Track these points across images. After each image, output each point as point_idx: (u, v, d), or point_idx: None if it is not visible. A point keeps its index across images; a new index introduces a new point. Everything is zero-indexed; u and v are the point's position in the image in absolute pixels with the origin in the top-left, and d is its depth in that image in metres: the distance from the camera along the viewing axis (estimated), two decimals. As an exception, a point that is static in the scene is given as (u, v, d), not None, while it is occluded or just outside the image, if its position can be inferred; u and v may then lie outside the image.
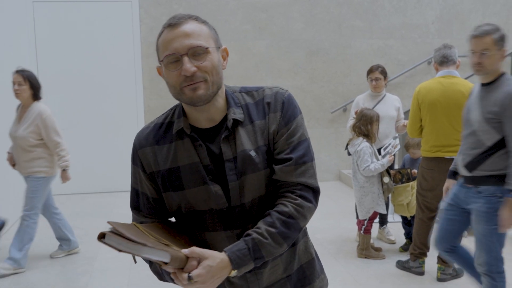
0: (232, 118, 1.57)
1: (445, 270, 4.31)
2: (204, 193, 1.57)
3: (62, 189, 7.32)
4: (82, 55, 7.18)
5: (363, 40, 7.80)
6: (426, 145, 4.23)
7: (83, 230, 5.73)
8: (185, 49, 1.50)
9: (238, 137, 1.57)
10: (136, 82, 7.33)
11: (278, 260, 1.66)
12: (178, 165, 1.58)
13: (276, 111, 1.61)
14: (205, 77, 1.52)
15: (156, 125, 1.66)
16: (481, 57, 3.10)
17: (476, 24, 8.05)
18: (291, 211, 1.55)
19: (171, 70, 1.52)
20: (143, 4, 7.26)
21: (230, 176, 1.56)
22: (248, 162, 1.56)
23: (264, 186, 1.59)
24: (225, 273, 1.49)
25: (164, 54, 1.52)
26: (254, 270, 1.62)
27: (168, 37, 1.52)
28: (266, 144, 1.59)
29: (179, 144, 1.59)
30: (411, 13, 7.91)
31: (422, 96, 4.17)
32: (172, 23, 1.53)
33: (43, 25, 7.07)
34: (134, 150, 1.66)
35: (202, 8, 7.39)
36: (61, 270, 4.62)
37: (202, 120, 1.59)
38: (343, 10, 7.72)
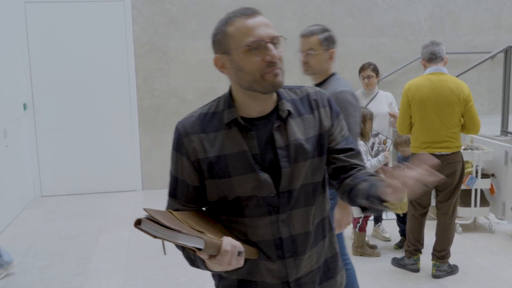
0: (287, 109, 1.66)
1: (440, 267, 4.33)
2: (253, 180, 1.62)
3: (58, 190, 7.31)
4: (75, 56, 7.16)
5: (355, 38, 7.82)
6: (416, 142, 4.26)
7: (79, 230, 5.72)
8: (269, 37, 1.58)
9: (290, 127, 1.65)
10: (129, 82, 7.32)
11: (314, 250, 1.73)
12: (226, 153, 1.62)
13: (325, 106, 1.73)
14: (281, 67, 1.61)
15: (201, 115, 1.71)
16: (307, 57, 3.12)
17: (469, 22, 8.08)
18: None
19: (255, 56, 1.57)
20: (135, 4, 7.25)
21: (283, 162, 1.63)
22: (301, 150, 1.64)
23: (311, 174, 1.68)
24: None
25: (246, 40, 1.56)
26: (293, 256, 1.68)
27: (249, 24, 1.58)
28: (316, 135, 1.69)
29: (227, 133, 1.64)
30: (404, 11, 7.92)
31: (412, 93, 4.20)
32: (248, 13, 1.60)
33: (36, 26, 7.05)
34: (179, 137, 1.68)
35: (195, 7, 7.38)
36: (56, 271, 4.61)
37: (254, 110, 1.66)
38: (336, 8, 7.73)
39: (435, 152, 4.14)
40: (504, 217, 5.34)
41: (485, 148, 5.32)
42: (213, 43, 1.66)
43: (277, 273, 1.68)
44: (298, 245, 1.68)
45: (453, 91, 4.12)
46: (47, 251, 5.09)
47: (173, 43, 7.39)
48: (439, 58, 4.22)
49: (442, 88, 4.13)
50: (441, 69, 4.22)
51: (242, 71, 1.60)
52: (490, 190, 5.40)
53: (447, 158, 4.15)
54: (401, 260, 4.53)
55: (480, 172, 5.24)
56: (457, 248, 4.94)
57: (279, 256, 1.67)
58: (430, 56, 4.23)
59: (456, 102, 4.11)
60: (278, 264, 1.67)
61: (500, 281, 4.23)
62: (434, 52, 4.21)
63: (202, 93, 7.53)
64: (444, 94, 4.11)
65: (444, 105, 4.12)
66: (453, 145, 4.17)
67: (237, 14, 1.60)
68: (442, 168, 4.12)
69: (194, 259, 1.63)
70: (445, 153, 4.15)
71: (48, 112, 7.20)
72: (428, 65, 4.26)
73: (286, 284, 1.70)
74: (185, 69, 7.45)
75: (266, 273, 1.69)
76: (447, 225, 4.34)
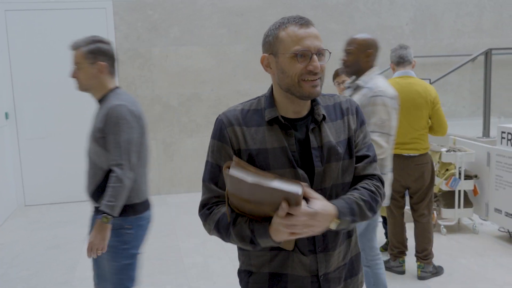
0: (322, 113, 1.79)
1: (425, 268, 4.36)
2: (290, 175, 1.72)
3: (42, 198, 7.24)
4: (57, 64, 7.11)
5: (338, 42, 7.85)
6: None
7: (64, 239, 5.67)
8: (315, 49, 1.70)
9: (324, 130, 1.78)
10: (112, 89, 7.28)
11: (342, 247, 1.85)
12: (266, 147, 1.74)
13: (353, 113, 1.87)
14: (321, 76, 1.75)
15: (243, 110, 1.81)
16: (74, 72, 2.81)
17: (450, 25, 8.16)
18: (373, 189, 1.81)
19: (299, 63, 1.69)
20: (117, 11, 7.22)
21: (316, 162, 1.75)
22: (333, 151, 1.77)
23: (341, 175, 1.80)
24: (328, 220, 1.64)
25: (294, 48, 1.69)
26: (324, 251, 1.79)
27: (300, 33, 1.70)
28: (346, 139, 1.82)
29: (268, 129, 1.76)
30: (386, 15, 7.99)
31: None
32: (302, 23, 1.71)
33: (17, 34, 6.99)
34: (222, 127, 1.78)
35: (178, 13, 7.38)
36: (42, 280, 4.57)
37: (291, 111, 1.79)
38: (318, 13, 7.77)
39: (404, 153, 4.26)
40: (487, 218, 5.38)
41: (467, 150, 5.36)
42: (264, 43, 1.79)
43: (308, 267, 1.78)
44: (329, 241, 1.80)
45: (421, 94, 4.22)
46: (31, 261, 5.04)
47: (156, 49, 7.38)
48: (407, 62, 4.35)
49: (410, 91, 4.23)
50: (409, 73, 4.33)
51: (284, 74, 1.73)
52: (473, 191, 5.44)
53: (415, 160, 4.26)
54: (386, 263, 4.55)
55: (463, 173, 5.29)
56: (441, 249, 4.97)
57: (311, 250, 1.78)
58: (399, 60, 4.36)
59: (424, 104, 4.22)
60: (310, 258, 1.78)
61: (485, 281, 4.26)
62: (402, 55, 4.33)
63: (186, 99, 7.52)
64: (412, 97, 4.22)
65: (412, 107, 4.22)
66: (421, 147, 4.28)
67: (291, 21, 1.72)
68: (411, 169, 4.26)
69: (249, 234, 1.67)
70: (413, 155, 4.27)
71: (30, 120, 7.14)
72: (397, 68, 4.39)
73: (316, 278, 1.80)
74: (168, 75, 7.44)
75: (298, 266, 1.78)
76: (425, 224, 4.40)
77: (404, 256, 4.48)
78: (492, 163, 5.23)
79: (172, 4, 7.36)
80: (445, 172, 5.32)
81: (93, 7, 7.16)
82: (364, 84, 3.28)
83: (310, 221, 1.57)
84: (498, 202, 5.18)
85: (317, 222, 1.59)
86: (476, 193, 5.42)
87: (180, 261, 4.87)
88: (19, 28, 6.99)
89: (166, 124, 7.49)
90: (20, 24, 6.99)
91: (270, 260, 1.81)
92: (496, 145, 5.31)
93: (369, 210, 1.77)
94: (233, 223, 1.70)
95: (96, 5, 7.16)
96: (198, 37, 7.49)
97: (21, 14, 6.98)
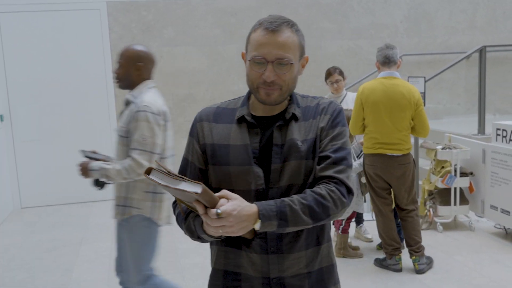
0: (292, 112, 1.77)
1: (420, 260, 4.42)
2: (247, 173, 1.73)
3: (38, 201, 7.23)
4: (51, 65, 7.10)
5: (333, 41, 7.87)
6: (369, 142, 4.43)
7: (60, 241, 5.66)
8: (272, 58, 1.68)
9: (290, 128, 1.76)
10: (107, 90, 7.28)
11: (303, 253, 1.76)
12: (229, 143, 1.77)
13: (326, 113, 1.80)
14: (281, 86, 1.71)
15: (219, 108, 1.86)
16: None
17: (444, 22, 8.18)
18: (324, 193, 1.68)
19: (254, 70, 1.71)
20: (111, 11, 7.21)
21: (275, 159, 1.73)
22: (294, 149, 1.73)
23: (303, 175, 1.73)
24: (251, 221, 1.59)
25: (252, 54, 1.71)
26: (277, 252, 1.73)
27: (261, 40, 1.69)
28: (313, 138, 1.76)
29: (236, 127, 1.78)
30: (379, 13, 7.99)
31: (366, 96, 4.36)
32: (270, 28, 1.69)
33: (11, 36, 6.97)
34: (194, 123, 1.86)
35: (172, 14, 7.37)
36: (39, 283, 4.56)
37: (261, 110, 1.80)
38: (312, 12, 7.77)
39: (387, 153, 4.33)
40: (483, 215, 5.40)
41: (463, 147, 5.37)
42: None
43: (260, 267, 1.74)
44: (283, 242, 1.73)
45: (404, 95, 4.27)
46: (28, 264, 5.03)
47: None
48: (393, 62, 4.40)
49: (394, 92, 4.27)
50: (394, 74, 4.37)
51: (246, 76, 1.77)
52: (469, 188, 5.45)
53: (398, 160, 4.34)
54: (383, 261, 4.56)
55: (459, 171, 5.30)
56: (438, 246, 4.98)
57: (263, 249, 1.73)
58: (384, 60, 4.39)
59: (407, 105, 4.27)
60: (261, 258, 1.73)
61: (482, 278, 4.28)
62: (388, 56, 4.37)
63: (181, 100, 7.51)
64: (396, 98, 4.27)
65: (395, 108, 4.27)
66: (404, 147, 4.35)
67: (264, 24, 1.71)
68: (394, 168, 4.35)
69: (194, 229, 1.72)
70: (396, 155, 4.34)
71: (25, 123, 7.12)
72: (382, 68, 4.43)
73: (267, 280, 1.74)
74: (163, 76, 7.43)
75: (249, 266, 1.75)
76: (412, 218, 4.48)
77: (400, 253, 4.50)
78: (487, 160, 5.25)
79: (165, 5, 7.35)
80: (441, 170, 5.33)
81: (87, 8, 7.14)
82: (133, 99, 3.13)
83: (223, 221, 1.54)
84: (494, 199, 5.19)
85: (230, 223, 1.54)
86: (472, 190, 5.44)
87: (178, 261, 4.86)
88: (13, 30, 6.97)
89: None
90: (14, 26, 6.97)
91: (224, 256, 1.80)
92: (491, 142, 5.32)
93: (309, 215, 1.64)
94: (185, 218, 1.77)
95: (90, 6, 7.14)
96: (192, 38, 7.48)
97: (15, 16, 6.95)
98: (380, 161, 4.35)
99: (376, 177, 4.42)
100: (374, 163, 4.39)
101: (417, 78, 5.47)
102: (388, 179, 4.40)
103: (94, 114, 7.29)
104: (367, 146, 4.44)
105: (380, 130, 4.31)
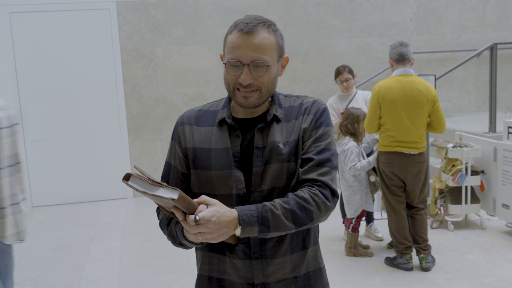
0: (273, 114, 1.73)
1: (427, 258, 4.43)
2: (228, 177, 1.69)
3: (49, 200, 7.26)
4: (62, 65, 7.12)
5: (342, 39, 7.84)
6: (386, 141, 4.40)
7: (69, 240, 5.68)
8: (248, 60, 1.64)
9: (272, 130, 1.71)
10: (117, 89, 7.29)
11: (287, 258, 1.72)
12: (210, 147, 1.73)
13: (309, 114, 1.74)
14: (260, 87, 1.67)
15: (200, 110, 1.83)
16: None
17: (454, 20, 8.13)
18: (307, 197, 1.63)
19: (230, 73, 1.68)
20: (121, 11, 7.23)
21: (256, 162, 1.69)
22: (275, 152, 1.68)
23: (285, 178, 1.69)
24: (231, 227, 1.56)
25: (228, 57, 1.68)
26: (261, 258, 1.69)
27: (236, 42, 1.66)
28: (296, 140, 1.71)
29: (217, 130, 1.74)
30: (389, 10, 7.96)
31: (382, 94, 4.33)
32: (245, 30, 1.65)
33: (22, 36, 7.00)
34: (176, 127, 1.82)
35: (180, 13, 7.37)
36: (49, 282, 4.58)
37: (241, 112, 1.77)
38: (321, 10, 7.75)
39: (404, 151, 4.32)
40: (495, 213, 5.36)
41: (474, 145, 5.34)
42: None
43: (244, 273, 1.71)
44: (267, 248, 1.69)
45: (422, 92, 4.26)
46: (38, 262, 5.05)
47: (159, 49, 7.38)
48: (407, 60, 4.40)
49: (411, 89, 4.26)
50: (409, 71, 4.37)
51: (224, 79, 1.74)
52: (480, 187, 5.42)
53: (414, 158, 4.34)
54: (394, 260, 4.54)
55: (470, 169, 5.27)
56: (449, 245, 4.96)
57: (247, 254, 1.69)
58: (399, 57, 4.38)
59: (425, 102, 4.26)
60: (245, 264, 1.70)
61: (493, 277, 4.25)
62: (403, 53, 4.36)
63: (191, 98, 7.52)
64: (413, 95, 4.25)
65: (413, 106, 4.26)
66: (420, 146, 4.35)
67: (238, 26, 1.67)
68: (411, 167, 4.34)
69: (175, 235, 1.70)
70: (413, 153, 4.33)
71: (36, 122, 7.15)
72: (396, 65, 4.40)
73: (252, 286, 1.71)
74: (172, 75, 7.44)
75: (233, 272, 1.72)
76: (421, 216, 4.50)
77: (411, 252, 4.48)
78: (498, 159, 5.21)
79: (174, 4, 7.36)
80: (452, 168, 5.30)
81: (97, 8, 7.16)
82: None
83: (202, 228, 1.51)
84: (505, 198, 5.16)
85: (209, 229, 1.52)
86: (483, 188, 5.40)
87: (187, 260, 4.87)
88: (24, 30, 7.00)
89: (171, 124, 7.49)
90: (25, 26, 7.00)
91: (209, 262, 1.77)
92: (502, 140, 5.29)
93: (291, 220, 1.60)
94: (167, 224, 1.75)
95: (99, 6, 7.16)
96: (201, 37, 7.48)
97: (26, 16, 6.99)
98: (397, 159, 4.33)
99: (392, 175, 4.40)
100: (391, 161, 4.37)
101: (427, 76, 5.43)
102: (403, 177, 4.38)
103: (104, 112, 7.31)
104: (383, 144, 4.41)
105: (398, 128, 4.28)
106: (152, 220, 6.26)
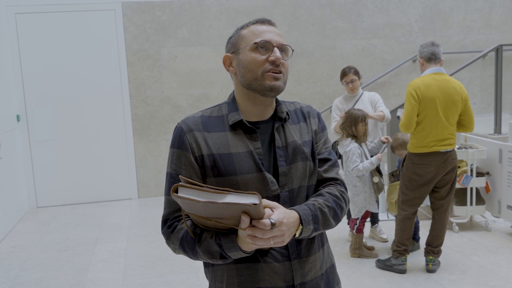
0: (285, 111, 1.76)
1: (435, 261, 4.42)
2: (258, 180, 1.65)
3: (54, 200, 7.28)
4: (67, 66, 7.15)
5: (347, 40, 7.83)
6: (423, 141, 4.27)
7: (74, 241, 5.69)
8: (278, 43, 1.69)
9: (288, 129, 1.75)
10: (122, 90, 7.31)
11: (317, 255, 1.75)
12: (231, 152, 1.67)
13: (315, 117, 1.84)
14: (284, 73, 1.69)
15: (203, 116, 1.75)
16: None
17: (459, 21, 8.12)
18: (338, 195, 1.73)
19: (261, 54, 1.66)
20: (126, 12, 7.24)
21: (281, 162, 1.69)
22: (299, 151, 1.72)
23: (307, 176, 1.73)
24: (295, 228, 1.55)
25: (255, 40, 1.67)
26: (298, 257, 1.69)
27: (262, 29, 1.70)
28: (310, 140, 1.78)
29: (232, 134, 1.70)
30: (394, 12, 7.95)
31: (422, 92, 4.22)
32: (264, 21, 1.72)
33: (27, 37, 7.03)
34: (181, 134, 1.70)
35: (186, 14, 7.39)
36: (53, 282, 4.59)
37: (254, 114, 1.74)
38: (326, 12, 7.75)
39: (441, 150, 4.26)
40: (500, 215, 5.35)
41: (479, 147, 5.33)
42: (227, 44, 1.78)
43: (283, 276, 1.66)
44: (302, 246, 1.70)
45: (457, 90, 4.26)
46: (43, 263, 5.06)
47: (164, 50, 7.39)
48: (438, 59, 4.37)
49: (448, 87, 4.24)
50: (441, 70, 4.34)
51: (245, 69, 1.68)
52: (485, 189, 5.41)
53: (451, 154, 4.31)
54: (387, 261, 4.53)
55: (475, 170, 5.25)
56: (454, 247, 4.94)
57: (285, 256, 1.67)
58: (430, 56, 4.33)
59: (459, 101, 4.26)
60: (284, 265, 1.67)
61: (499, 279, 4.24)
62: (435, 53, 4.33)
63: (196, 100, 7.53)
64: (450, 93, 4.23)
65: (450, 103, 4.24)
66: (453, 142, 4.34)
67: (253, 22, 1.73)
68: (448, 163, 4.29)
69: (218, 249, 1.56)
70: (449, 150, 4.29)
71: (41, 123, 7.18)
72: (427, 64, 4.36)
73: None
74: (177, 76, 7.45)
75: (270, 277, 1.66)
76: (445, 220, 4.44)
77: (407, 254, 4.48)
78: (504, 160, 5.20)
79: (180, 5, 7.37)
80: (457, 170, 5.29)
81: (102, 9, 7.18)
82: None
83: (275, 231, 1.46)
84: (510, 199, 5.14)
85: (281, 232, 1.48)
86: (488, 190, 5.39)
87: (192, 261, 4.87)
88: (29, 31, 7.03)
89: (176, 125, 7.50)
90: (30, 27, 7.02)
91: (237, 274, 1.67)
92: (508, 142, 5.27)
93: (333, 217, 1.67)
94: (199, 240, 1.58)
95: (105, 7, 7.18)
96: (206, 38, 7.49)
97: (31, 17, 7.01)
98: (435, 159, 4.26)
99: (428, 175, 4.29)
100: (428, 162, 4.27)
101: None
102: (439, 176, 4.30)
103: (110, 113, 7.32)
104: (418, 145, 4.29)
105: (436, 126, 4.23)
106: (157, 222, 6.27)
